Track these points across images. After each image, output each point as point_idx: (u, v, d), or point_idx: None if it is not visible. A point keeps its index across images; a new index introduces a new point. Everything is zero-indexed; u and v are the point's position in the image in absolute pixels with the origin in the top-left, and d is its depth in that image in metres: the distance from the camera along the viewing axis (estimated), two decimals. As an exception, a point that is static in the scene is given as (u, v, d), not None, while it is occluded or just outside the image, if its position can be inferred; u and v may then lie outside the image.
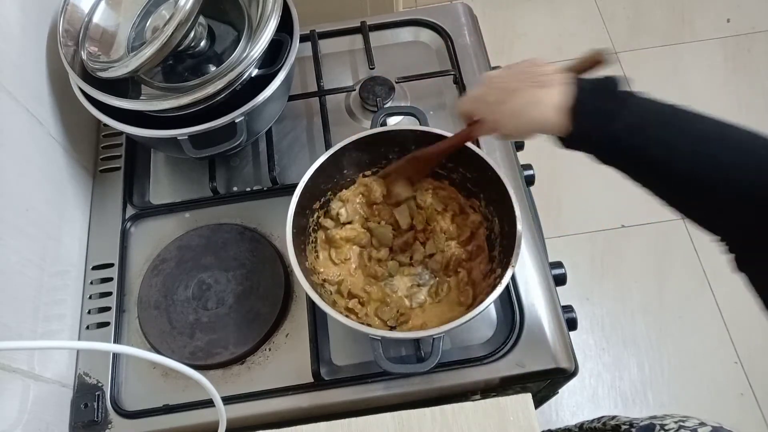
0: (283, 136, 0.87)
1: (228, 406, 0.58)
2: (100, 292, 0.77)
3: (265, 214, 0.81)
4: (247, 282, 0.75)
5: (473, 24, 0.96)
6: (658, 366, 1.45)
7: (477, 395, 0.70)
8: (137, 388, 0.71)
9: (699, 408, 1.39)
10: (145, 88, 0.76)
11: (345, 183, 0.76)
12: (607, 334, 1.50)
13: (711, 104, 1.75)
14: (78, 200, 0.80)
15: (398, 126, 0.79)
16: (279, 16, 0.72)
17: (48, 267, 0.69)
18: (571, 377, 0.71)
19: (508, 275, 0.60)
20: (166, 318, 0.73)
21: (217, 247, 0.77)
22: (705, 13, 1.95)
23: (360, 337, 0.69)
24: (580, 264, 1.57)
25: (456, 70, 0.90)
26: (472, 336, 0.71)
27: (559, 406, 1.42)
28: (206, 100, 0.70)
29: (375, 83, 0.88)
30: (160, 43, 0.65)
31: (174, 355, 0.70)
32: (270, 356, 0.72)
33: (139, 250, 0.80)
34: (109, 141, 0.88)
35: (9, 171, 0.64)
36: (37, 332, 0.65)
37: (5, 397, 0.59)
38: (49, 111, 0.74)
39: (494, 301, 0.60)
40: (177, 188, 0.85)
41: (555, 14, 1.97)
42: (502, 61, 0.97)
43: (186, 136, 0.71)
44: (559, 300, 0.73)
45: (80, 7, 0.75)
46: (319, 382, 0.69)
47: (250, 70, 0.72)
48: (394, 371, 0.62)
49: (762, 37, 1.89)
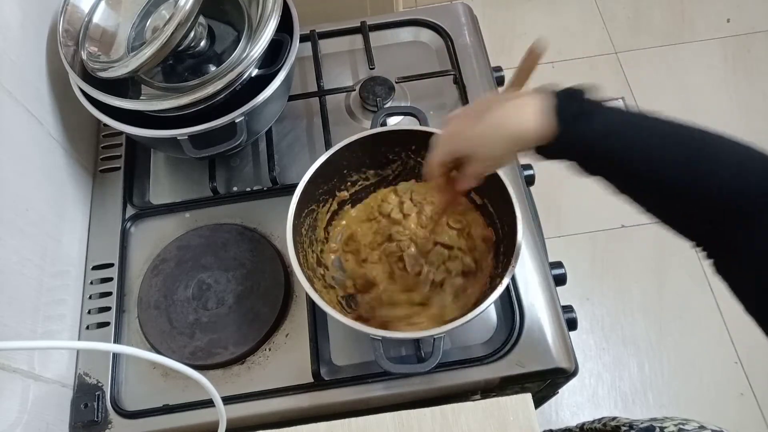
0: (283, 136, 0.87)
1: (228, 406, 0.57)
2: (100, 292, 0.77)
3: (265, 214, 0.81)
4: (247, 282, 0.74)
5: (473, 24, 0.96)
6: (658, 366, 1.45)
7: (477, 395, 0.70)
8: (137, 388, 0.71)
9: (699, 408, 1.39)
10: (145, 88, 0.76)
11: (345, 185, 0.76)
12: (607, 334, 1.50)
13: (711, 104, 1.77)
14: (78, 200, 0.80)
15: (398, 126, 0.79)
16: (279, 16, 0.72)
17: (48, 267, 0.69)
18: (571, 377, 0.71)
19: (508, 275, 0.60)
20: (166, 318, 0.73)
21: (217, 247, 0.77)
22: (705, 13, 1.95)
23: (360, 337, 0.69)
24: (580, 264, 1.57)
25: (456, 70, 0.90)
26: (472, 336, 0.71)
27: (559, 406, 1.42)
28: (206, 100, 0.70)
29: (375, 83, 0.88)
30: (160, 43, 0.65)
31: (174, 355, 0.70)
32: (270, 356, 0.72)
33: (139, 250, 0.80)
34: (109, 141, 0.88)
35: (9, 171, 0.64)
36: (37, 332, 0.65)
37: (5, 397, 0.59)
38: (49, 111, 0.74)
39: (494, 301, 0.60)
40: (177, 188, 0.85)
41: (555, 14, 1.97)
42: (502, 62, 0.98)
43: (186, 136, 0.71)
44: (559, 300, 0.73)
45: (80, 7, 0.75)
46: (319, 382, 0.69)
47: (250, 70, 0.72)
48: (394, 371, 0.62)
49: (762, 37, 1.89)
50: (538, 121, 0.48)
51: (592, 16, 1.97)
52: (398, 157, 0.75)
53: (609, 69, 1.87)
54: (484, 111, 0.52)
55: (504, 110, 0.50)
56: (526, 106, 0.49)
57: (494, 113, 0.51)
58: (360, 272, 0.72)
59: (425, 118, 0.75)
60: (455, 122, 0.56)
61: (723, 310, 1.49)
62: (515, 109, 0.50)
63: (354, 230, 0.76)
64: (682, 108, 1.75)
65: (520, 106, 0.49)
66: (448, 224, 0.74)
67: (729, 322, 1.47)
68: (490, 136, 0.52)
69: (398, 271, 0.72)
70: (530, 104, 0.49)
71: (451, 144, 0.56)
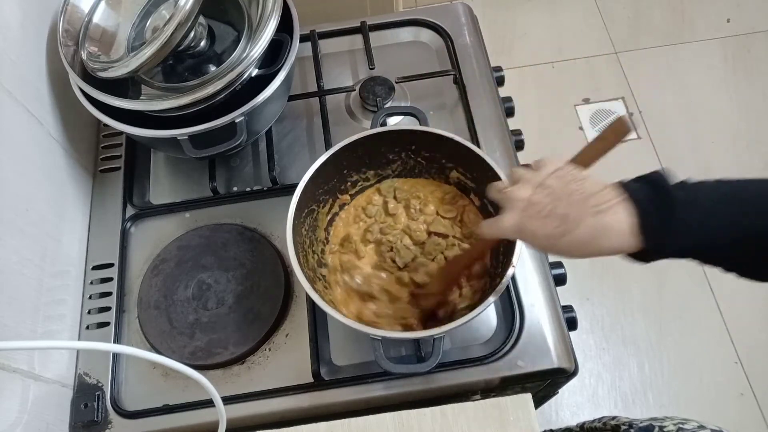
0: (283, 136, 0.87)
1: (228, 406, 0.58)
2: (100, 292, 0.77)
3: (265, 214, 0.81)
4: (247, 282, 0.75)
5: (473, 24, 0.96)
6: (658, 366, 1.45)
7: (477, 395, 0.70)
8: (137, 388, 0.71)
9: (699, 408, 1.39)
10: (145, 88, 0.76)
11: (345, 185, 0.76)
12: (607, 334, 1.50)
13: (711, 104, 1.77)
14: (78, 200, 0.80)
15: (398, 126, 0.79)
16: (279, 16, 0.72)
17: (48, 267, 0.69)
18: (571, 377, 0.71)
19: (508, 275, 0.60)
20: (166, 318, 0.73)
21: (217, 247, 0.77)
22: (705, 13, 1.95)
23: (360, 337, 0.69)
24: (580, 264, 1.57)
25: (456, 70, 0.90)
26: (472, 336, 0.71)
27: (559, 406, 1.42)
28: (206, 100, 0.70)
29: (375, 83, 0.88)
30: (160, 43, 0.65)
31: (174, 355, 0.70)
32: (270, 356, 0.72)
33: (139, 250, 0.80)
34: (109, 141, 0.88)
35: (9, 171, 0.64)
36: (37, 332, 0.65)
37: (5, 397, 0.59)
38: (49, 111, 0.74)
39: (494, 301, 0.60)
40: (177, 188, 0.85)
41: (555, 14, 1.97)
42: (502, 62, 0.98)
43: (186, 136, 0.71)
44: (559, 300, 0.73)
45: (80, 7, 0.75)
46: (319, 382, 0.69)
47: (250, 70, 0.72)
48: (394, 371, 0.62)
49: (762, 37, 1.89)
50: (625, 243, 0.46)
51: (592, 16, 1.97)
52: (398, 157, 0.75)
53: (609, 69, 1.87)
54: (572, 220, 0.48)
55: (593, 226, 0.47)
56: (616, 223, 0.46)
57: (584, 228, 0.47)
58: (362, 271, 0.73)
59: (425, 118, 0.75)
60: (538, 223, 0.50)
61: (723, 310, 1.49)
62: (606, 228, 0.47)
63: (348, 232, 0.76)
64: (682, 108, 1.75)
65: (609, 223, 0.46)
66: (439, 214, 0.74)
67: (729, 322, 1.47)
68: (577, 249, 0.48)
69: (390, 265, 0.72)
70: (620, 221, 0.46)
71: (520, 237, 0.53)
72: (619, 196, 0.47)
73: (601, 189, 0.48)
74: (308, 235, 0.71)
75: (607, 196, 0.47)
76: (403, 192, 0.76)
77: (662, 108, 1.77)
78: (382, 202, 0.76)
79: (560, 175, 0.50)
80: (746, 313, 1.47)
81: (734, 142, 1.71)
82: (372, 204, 0.76)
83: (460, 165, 0.73)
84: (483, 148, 0.81)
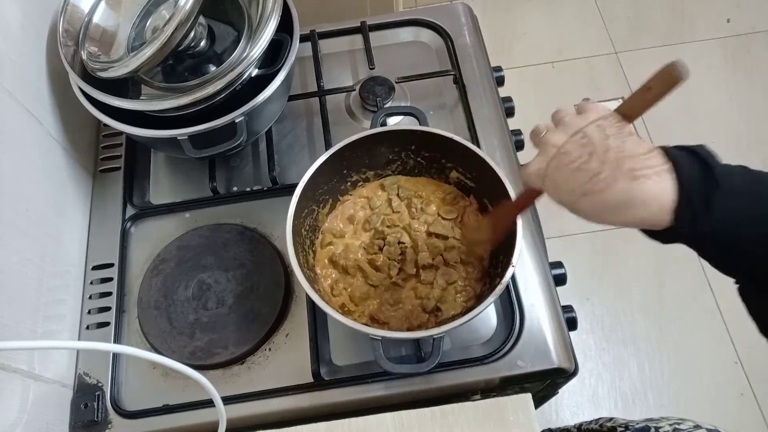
0: (283, 136, 0.87)
1: (228, 406, 0.58)
2: (100, 292, 0.77)
3: (265, 214, 0.81)
4: (247, 282, 0.75)
5: (473, 24, 0.96)
6: (658, 366, 1.45)
7: (477, 395, 0.70)
8: (137, 388, 0.71)
9: (699, 408, 1.39)
10: (145, 88, 0.76)
11: (345, 185, 0.76)
12: (607, 334, 1.50)
13: (711, 104, 1.77)
14: (78, 200, 0.80)
15: (398, 126, 0.79)
16: (279, 16, 0.72)
17: (48, 267, 0.69)
18: (571, 377, 0.71)
19: (508, 275, 0.60)
20: (166, 318, 0.73)
21: (217, 247, 0.77)
22: (705, 13, 1.95)
23: (360, 337, 0.69)
24: (580, 264, 1.57)
25: (456, 70, 0.89)
26: (472, 336, 0.71)
27: (559, 406, 1.42)
28: (206, 100, 0.70)
29: (375, 83, 0.88)
30: (160, 43, 0.65)
31: (174, 355, 0.70)
32: (270, 356, 0.72)
33: (139, 250, 0.80)
34: (109, 141, 0.88)
35: (9, 171, 0.64)
36: (37, 332, 0.65)
37: (5, 397, 0.59)
38: (49, 111, 0.74)
39: (494, 301, 0.60)
40: (177, 188, 0.85)
41: (555, 14, 1.97)
42: (502, 62, 0.98)
43: (186, 136, 0.71)
44: (559, 300, 0.73)
45: (80, 7, 0.75)
46: (319, 382, 0.69)
47: (250, 70, 0.72)
48: (394, 371, 0.62)
49: (762, 37, 1.89)
50: (659, 218, 0.42)
51: (592, 16, 1.97)
52: (398, 157, 0.75)
53: (609, 69, 1.87)
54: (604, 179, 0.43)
55: (629, 192, 0.42)
56: (658, 194, 0.42)
57: (618, 191, 0.42)
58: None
59: (425, 118, 0.75)
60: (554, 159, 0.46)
61: (723, 310, 1.49)
62: (644, 197, 0.42)
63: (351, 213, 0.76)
64: (682, 108, 1.75)
65: (650, 192, 0.42)
66: (440, 215, 0.74)
67: (729, 322, 1.47)
68: (609, 214, 0.44)
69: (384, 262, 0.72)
70: (662, 193, 0.42)
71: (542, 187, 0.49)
72: (663, 164, 0.43)
73: (644, 152, 0.43)
74: (308, 235, 0.71)
75: (649, 161, 0.43)
76: (405, 190, 0.76)
77: (662, 108, 1.76)
78: (386, 197, 0.76)
79: (602, 126, 0.45)
80: (746, 313, 1.47)
81: (734, 142, 1.71)
82: (377, 196, 0.76)
83: (460, 165, 0.73)
84: (483, 148, 0.82)
